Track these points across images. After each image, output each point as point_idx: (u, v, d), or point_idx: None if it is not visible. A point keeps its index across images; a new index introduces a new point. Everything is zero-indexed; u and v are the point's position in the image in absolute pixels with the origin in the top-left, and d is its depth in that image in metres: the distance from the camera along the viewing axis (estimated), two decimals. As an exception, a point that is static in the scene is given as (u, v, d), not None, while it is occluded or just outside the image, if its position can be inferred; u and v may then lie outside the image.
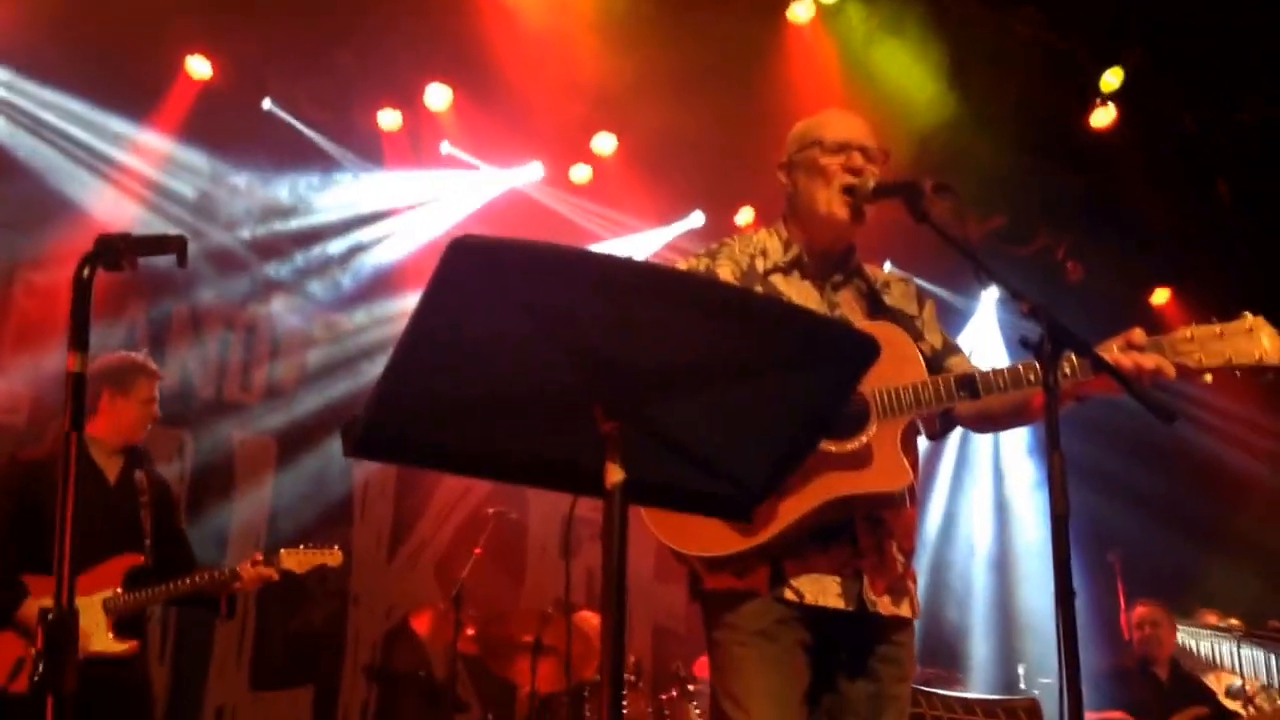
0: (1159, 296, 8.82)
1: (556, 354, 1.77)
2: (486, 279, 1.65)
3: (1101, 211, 8.18)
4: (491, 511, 6.81)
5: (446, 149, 7.82)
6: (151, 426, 5.05)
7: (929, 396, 2.89)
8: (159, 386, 5.06)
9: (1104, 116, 7.44)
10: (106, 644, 4.64)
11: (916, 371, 2.93)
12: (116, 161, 7.15)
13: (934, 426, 3.13)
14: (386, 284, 7.94)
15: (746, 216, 8.21)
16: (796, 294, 3.07)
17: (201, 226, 7.44)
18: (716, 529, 2.84)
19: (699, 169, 7.90)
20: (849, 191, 3.00)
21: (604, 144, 7.86)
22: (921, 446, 3.15)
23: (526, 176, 8.07)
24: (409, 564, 8.07)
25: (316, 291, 7.94)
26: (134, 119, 7.11)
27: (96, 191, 7.08)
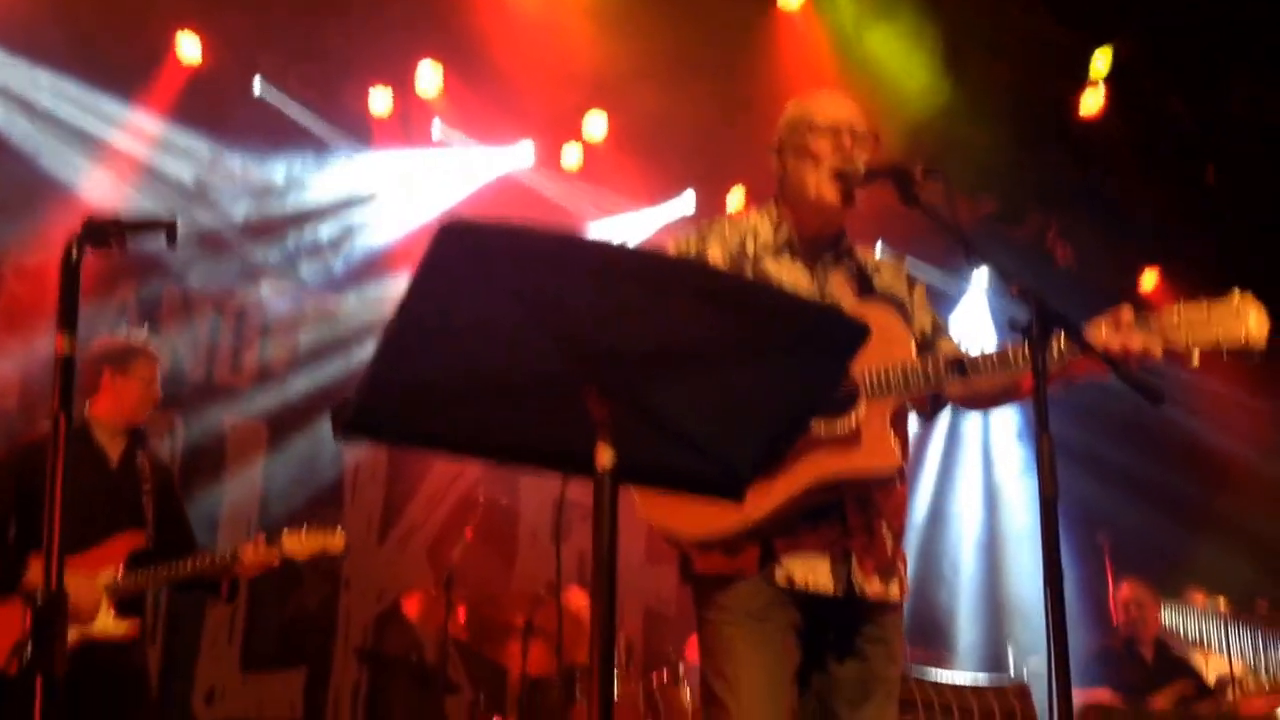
0: (1147, 279, 8.85)
1: (546, 337, 1.77)
2: (476, 263, 1.65)
3: (1091, 195, 8.20)
4: (482, 495, 6.82)
5: (438, 130, 7.80)
6: (154, 409, 4.99)
7: (918, 378, 2.89)
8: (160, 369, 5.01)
9: (1093, 101, 7.45)
10: (107, 626, 4.58)
11: (906, 353, 2.93)
12: (106, 142, 7.10)
13: (925, 406, 3.14)
14: (378, 266, 7.92)
15: (738, 198, 8.20)
16: (787, 275, 3.07)
17: (192, 208, 7.40)
18: (705, 511, 2.84)
19: (691, 150, 7.89)
20: (839, 176, 3.00)
21: (596, 125, 7.84)
22: (911, 428, 3.16)
23: (518, 157, 8.05)
24: (400, 547, 8.07)
25: (307, 274, 7.92)
26: (123, 100, 7.07)
27: (86, 173, 7.04)
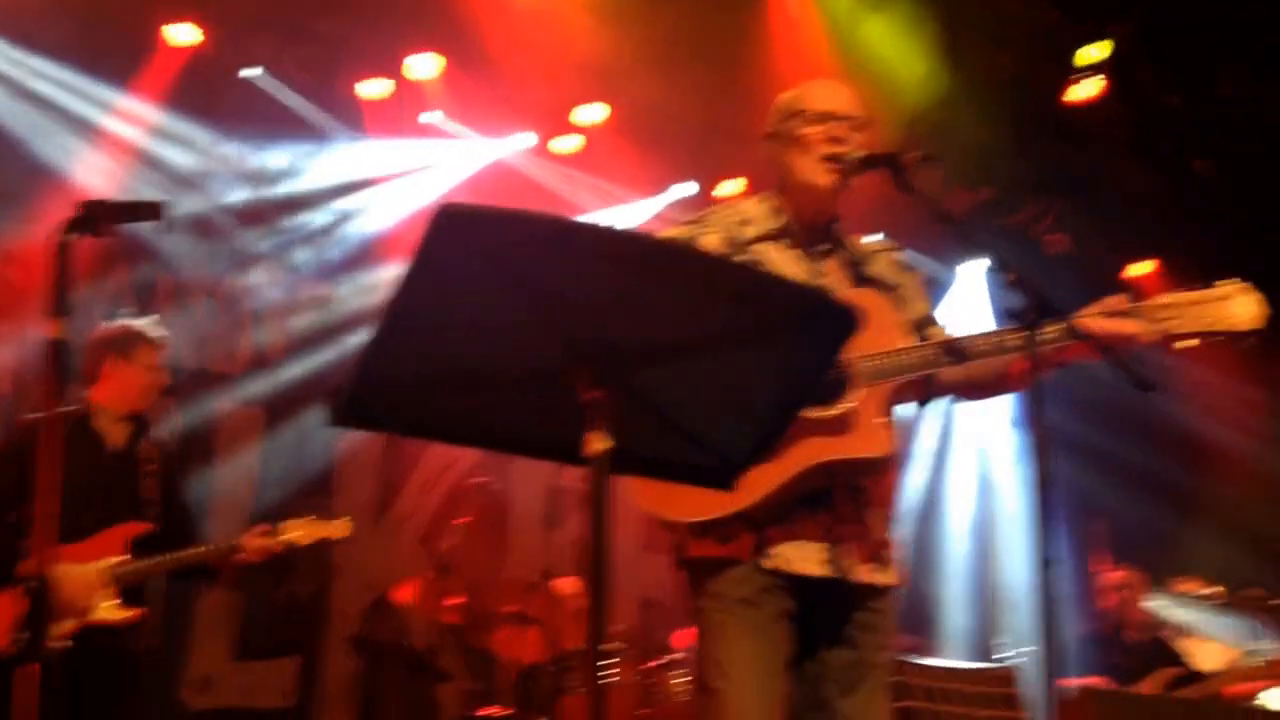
0: (1141, 267, 8.86)
1: (540, 322, 1.77)
2: (472, 247, 1.65)
3: (1087, 184, 8.20)
4: (475, 482, 6.82)
5: (434, 118, 7.77)
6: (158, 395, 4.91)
7: (910, 363, 2.90)
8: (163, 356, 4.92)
9: (1088, 89, 7.45)
10: (110, 612, 4.48)
11: (898, 339, 2.94)
12: (99, 128, 7.08)
13: (917, 394, 3.14)
14: (372, 253, 7.91)
15: (737, 187, 8.19)
16: (782, 262, 3.08)
17: (185, 194, 7.39)
18: (698, 495, 2.83)
19: (690, 139, 7.87)
20: (831, 160, 3.00)
21: (594, 114, 7.82)
22: (907, 415, 3.16)
23: (515, 146, 8.03)
24: (393, 535, 8.07)
25: (301, 261, 7.91)
26: (117, 85, 7.04)
27: (79, 158, 7.02)
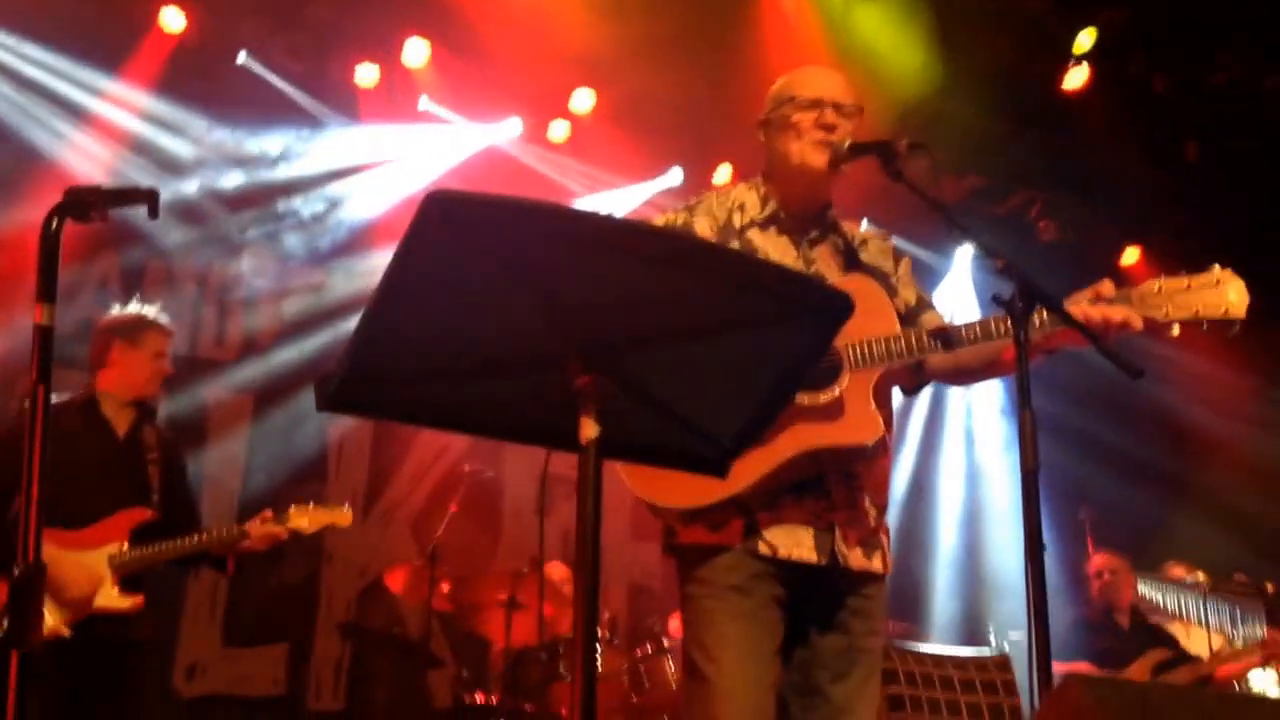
0: (1129, 254, 8.89)
1: (531, 308, 1.77)
2: (461, 232, 1.65)
3: (1075, 171, 8.22)
4: (467, 469, 6.81)
5: (424, 104, 7.75)
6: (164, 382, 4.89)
7: (901, 349, 2.91)
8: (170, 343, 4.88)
9: (1077, 77, 7.46)
10: (111, 600, 4.46)
11: (889, 325, 2.94)
12: (89, 113, 7.06)
13: (908, 380, 3.15)
14: (362, 239, 7.89)
15: (725, 174, 8.19)
16: (773, 249, 3.08)
17: (175, 180, 7.36)
18: (690, 482, 2.84)
19: (678, 127, 7.86)
20: (822, 145, 3.00)
21: (583, 101, 7.81)
22: (895, 403, 3.18)
23: (505, 132, 8.01)
24: (384, 521, 8.06)
25: (291, 247, 7.89)
26: (107, 70, 7.02)
27: (69, 144, 6.99)
